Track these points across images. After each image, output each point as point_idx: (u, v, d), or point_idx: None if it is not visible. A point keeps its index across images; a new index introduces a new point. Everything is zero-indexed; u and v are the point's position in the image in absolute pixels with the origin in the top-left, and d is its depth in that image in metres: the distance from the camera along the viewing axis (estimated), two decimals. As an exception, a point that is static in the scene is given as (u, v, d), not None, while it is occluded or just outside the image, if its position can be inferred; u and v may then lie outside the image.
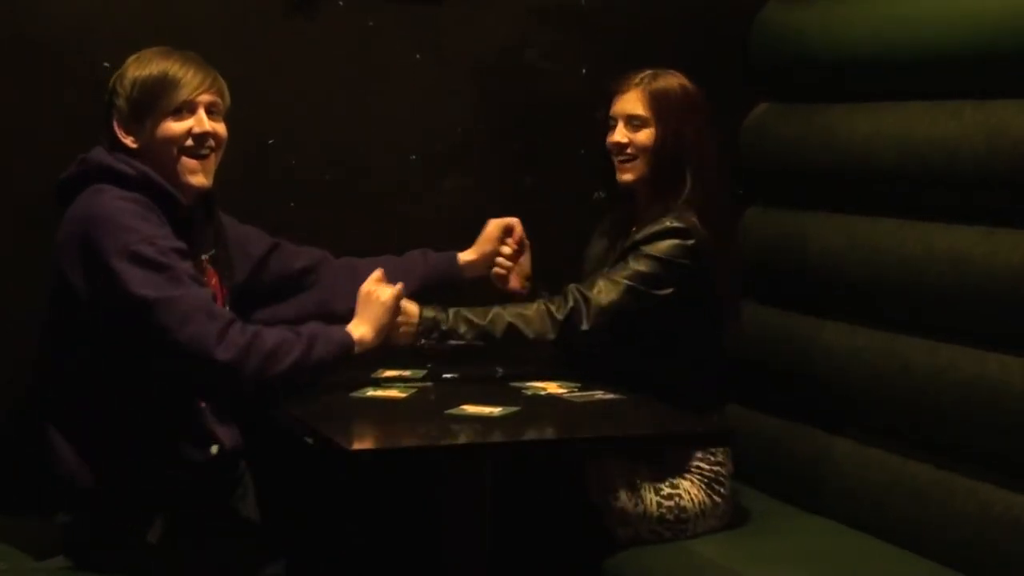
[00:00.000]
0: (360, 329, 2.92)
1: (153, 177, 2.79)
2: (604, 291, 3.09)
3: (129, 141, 2.82)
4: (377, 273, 3.04)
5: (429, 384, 3.08)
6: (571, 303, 3.08)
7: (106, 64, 3.31)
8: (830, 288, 3.43)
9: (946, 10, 3.17)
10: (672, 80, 3.22)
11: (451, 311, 3.08)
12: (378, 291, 2.98)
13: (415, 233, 3.63)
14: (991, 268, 2.94)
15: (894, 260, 3.20)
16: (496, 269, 3.29)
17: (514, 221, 3.30)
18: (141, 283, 2.66)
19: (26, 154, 3.34)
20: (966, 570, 2.93)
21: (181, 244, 2.76)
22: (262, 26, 3.53)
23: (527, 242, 3.31)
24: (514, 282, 3.29)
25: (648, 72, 3.22)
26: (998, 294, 2.92)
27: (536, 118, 3.79)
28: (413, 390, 3.00)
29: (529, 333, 3.07)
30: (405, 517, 3.31)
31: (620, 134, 3.21)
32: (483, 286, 3.32)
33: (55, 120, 3.36)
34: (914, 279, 3.14)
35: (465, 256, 3.28)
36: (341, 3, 3.59)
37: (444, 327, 3.06)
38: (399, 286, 3.01)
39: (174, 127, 2.83)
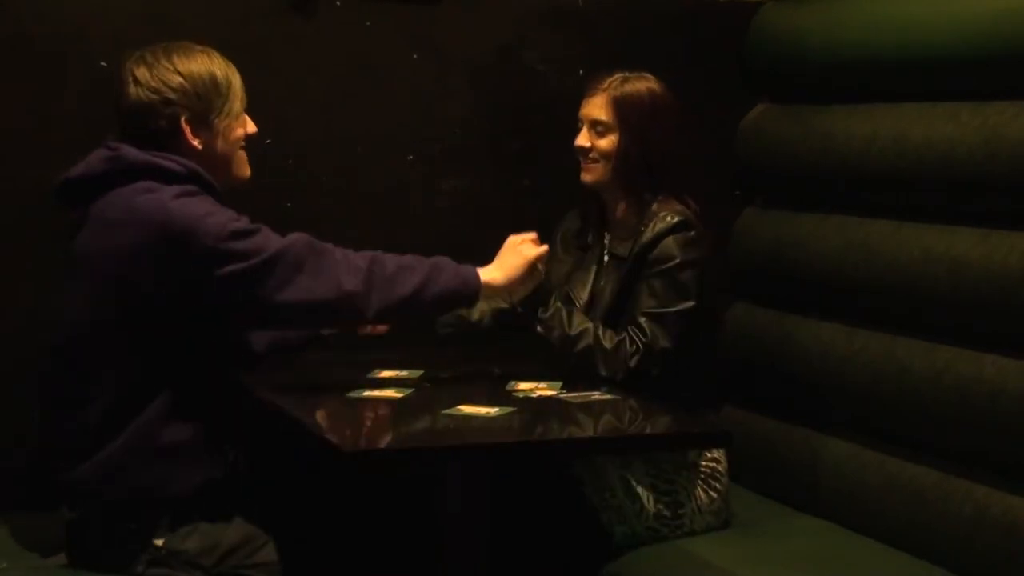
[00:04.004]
0: (492, 273, 2.97)
1: (201, 173, 2.79)
2: (655, 334, 3.11)
3: (196, 143, 2.81)
4: (532, 235, 3.08)
5: (425, 384, 3.08)
6: (640, 352, 3.10)
7: (103, 63, 3.31)
8: (827, 289, 3.43)
9: (943, 12, 3.17)
10: (640, 84, 3.23)
11: (554, 304, 3.12)
12: (525, 245, 3.03)
13: (412, 233, 3.63)
14: (988, 270, 2.94)
15: (891, 262, 3.21)
16: None
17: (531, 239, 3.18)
18: (253, 249, 2.70)
19: (25, 153, 3.34)
20: (962, 572, 2.93)
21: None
22: (259, 26, 3.53)
23: None
24: None
25: (618, 76, 3.25)
26: (995, 296, 2.92)
27: (533, 119, 3.79)
28: (409, 390, 3.00)
29: (602, 369, 3.10)
30: (403, 517, 3.31)
31: (583, 137, 3.26)
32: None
33: (54, 119, 3.36)
34: (911, 281, 3.14)
35: None
36: (338, 3, 3.60)
37: (543, 313, 3.11)
38: (545, 247, 3.07)
39: (241, 130, 2.89)
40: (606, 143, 3.23)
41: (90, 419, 2.76)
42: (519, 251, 3.02)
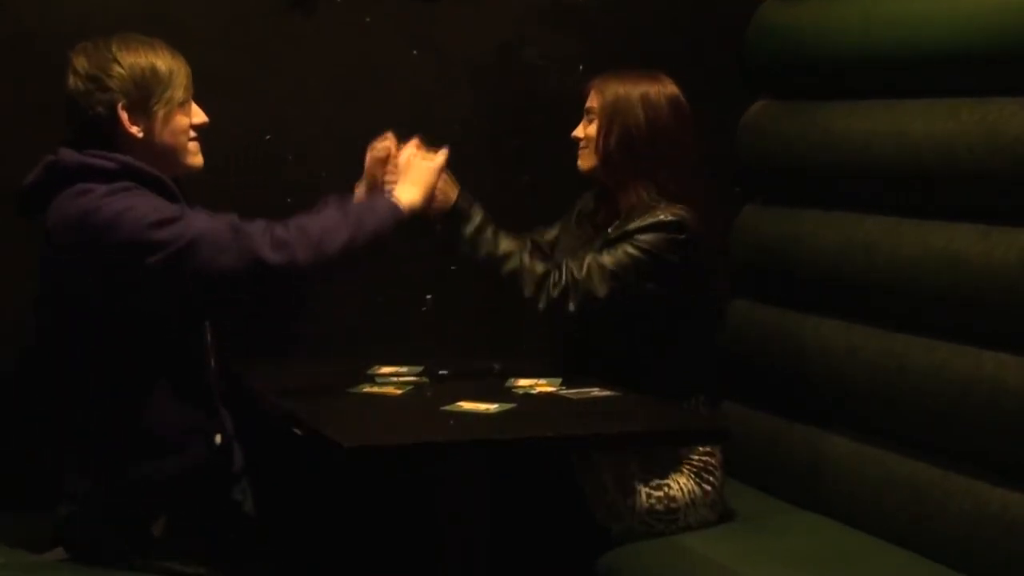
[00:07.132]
0: (408, 192, 2.94)
1: (137, 165, 2.77)
2: (591, 275, 3.09)
3: (135, 130, 2.81)
4: (415, 140, 3.06)
5: (425, 381, 3.08)
6: (563, 282, 3.08)
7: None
8: (827, 286, 3.43)
9: (943, 8, 3.17)
10: (637, 79, 3.24)
11: (478, 220, 3.11)
12: (422, 154, 3.01)
13: (411, 229, 3.63)
14: (988, 266, 2.94)
15: (891, 258, 3.20)
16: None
17: (385, 146, 3.15)
18: (172, 237, 2.66)
19: (25, 153, 3.34)
20: (962, 568, 2.93)
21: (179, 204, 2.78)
22: (259, 22, 3.54)
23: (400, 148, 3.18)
24: None
25: (615, 71, 3.27)
26: (995, 292, 2.92)
27: (533, 117, 3.79)
28: (409, 387, 3.01)
29: (526, 291, 3.09)
30: (401, 513, 3.31)
31: (578, 127, 3.29)
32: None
33: (54, 119, 3.35)
34: (911, 277, 3.14)
35: (360, 190, 3.19)
36: (338, 0, 3.60)
37: (464, 229, 3.08)
38: (446, 150, 3.03)
39: (184, 120, 2.86)
40: (591, 129, 3.25)
41: (76, 417, 2.78)
42: (422, 164, 2.99)
